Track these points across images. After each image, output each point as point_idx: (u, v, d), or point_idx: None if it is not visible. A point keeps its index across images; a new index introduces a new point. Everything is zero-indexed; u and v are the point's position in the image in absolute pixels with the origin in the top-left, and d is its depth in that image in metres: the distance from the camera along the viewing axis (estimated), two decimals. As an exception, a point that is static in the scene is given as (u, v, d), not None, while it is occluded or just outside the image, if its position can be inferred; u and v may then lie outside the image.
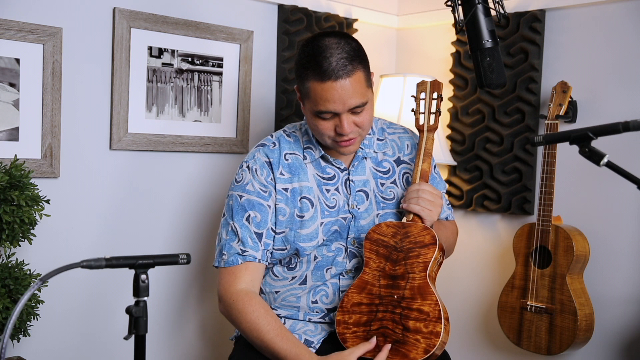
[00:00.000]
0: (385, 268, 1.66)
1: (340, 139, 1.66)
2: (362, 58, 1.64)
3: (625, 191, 2.24)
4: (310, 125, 1.70)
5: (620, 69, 2.29)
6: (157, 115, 2.25)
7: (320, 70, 1.58)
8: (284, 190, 1.74)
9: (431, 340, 1.60)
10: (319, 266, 1.76)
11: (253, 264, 1.71)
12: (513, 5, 2.48)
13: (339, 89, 1.58)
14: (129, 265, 1.32)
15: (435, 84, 1.82)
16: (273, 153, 1.76)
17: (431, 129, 1.80)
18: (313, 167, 1.77)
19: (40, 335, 2.04)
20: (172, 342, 2.37)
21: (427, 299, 1.61)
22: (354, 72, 1.60)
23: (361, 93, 1.62)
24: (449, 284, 2.78)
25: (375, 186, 1.80)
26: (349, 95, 1.60)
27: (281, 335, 1.64)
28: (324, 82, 1.58)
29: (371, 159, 1.82)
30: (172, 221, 2.33)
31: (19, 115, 1.96)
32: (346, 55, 1.60)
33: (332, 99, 1.59)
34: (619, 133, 1.42)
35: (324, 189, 1.76)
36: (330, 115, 1.63)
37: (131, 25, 2.15)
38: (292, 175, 1.75)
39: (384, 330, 1.64)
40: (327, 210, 1.75)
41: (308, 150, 1.78)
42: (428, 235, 1.64)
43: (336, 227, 1.75)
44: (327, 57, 1.59)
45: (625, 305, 2.28)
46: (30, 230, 1.79)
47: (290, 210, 1.73)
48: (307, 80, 1.62)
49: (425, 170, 1.76)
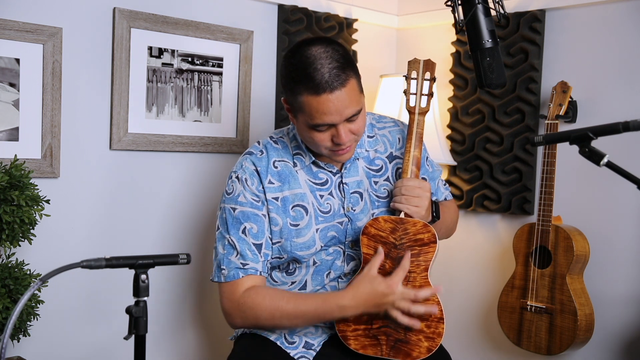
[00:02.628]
0: (385, 266, 1.64)
1: (337, 149, 1.63)
2: (352, 64, 1.60)
3: (625, 191, 2.24)
4: (305, 137, 1.66)
5: (620, 69, 2.29)
6: (157, 115, 2.25)
7: (314, 84, 1.53)
8: (275, 199, 1.70)
9: (434, 340, 1.60)
10: (318, 271, 1.75)
11: (254, 277, 1.66)
12: (513, 5, 2.48)
13: (334, 100, 1.54)
14: (129, 265, 1.32)
15: (429, 63, 1.74)
16: (261, 161, 1.71)
17: (422, 111, 1.71)
18: (304, 173, 1.73)
19: (40, 335, 2.04)
20: (172, 342, 2.37)
21: (429, 299, 1.61)
22: (347, 81, 1.55)
23: (356, 101, 1.59)
24: (449, 284, 2.77)
25: (369, 185, 1.77)
26: (345, 105, 1.56)
27: (302, 298, 1.63)
28: (319, 95, 1.53)
29: (363, 158, 1.79)
30: (172, 221, 2.33)
31: (19, 115, 1.96)
32: (337, 64, 1.54)
33: (328, 111, 1.55)
34: (619, 133, 1.42)
35: (318, 194, 1.73)
36: (327, 127, 1.59)
37: (131, 25, 2.15)
38: (282, 183, 1.71)
39: (386, 329, 1.63)
40: (322, 215, 1.72)
41: (298, 157, 1.74)
42: (428, 234, 1.62)
43: (333, 232, 1.72)
44: (317, 68, 1.53)
45: (625, 305, 2.28)
46: (30, 230, 1.79)
47: (282, 220, 1.69)
48: (299, 95, 1.56)
49: (417, 157, 1.70)
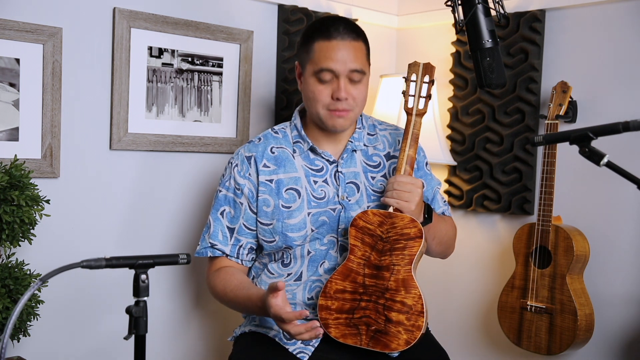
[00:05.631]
0: (370, 257, 1.68)
1: (334, 107, 1.73)
2: (365, 38, 1.79)
3: (625, 191, 2.24)
4: (308, 93, 1.77)
5: (620, 69, 2.29)
6: (157, 115, 2.24)
7: (328, 32, 1.72)
8: (268, 181, 1.79)
9: (413, 333, 1.63)
10: (313, 260, 1.79)
11: (223, 258, 1.83)
12: (513, 5, 2.48)
13: (342, 48, 1.71)
14: (129, 265, 1.33)
15: (428, 67, 1.78)
16: (257, 147, 1.84)
17: (420, 113, 1.76)
18: (301, 158, 1.82)
19: (40, 335, 2.04)
20: (172, 342, 2.37)
21: (411, 292, 1.64)
22: (358, 40, 1.75)
23: (362, 61, 1.74)
24: (449, 284, 2.78)
25: (366, 179, 1.82)
26: (351, 57, 1.71)
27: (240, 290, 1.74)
28: (330, 40, 1.71)
29: (361, 152, 1.85)
30: (172, 221, 2.33)
31: (19, 115, 1.96)
32: (352, 27, 1.76)
33: (335, 57, 1.70)
34: (619, 133, 1.42)
35: (312, 180, 1.79)
36: (330, 76, 1.72)
37: (131, 25, 2.15)
38: (277, 166, 1.81)
39: (367, 319, 1.66)
40: (314, 201, 1.78)
41: (297, 144, 1.84)
42: (415, 229, 1.65)
43: (325, 217, 1.77)
44: (335, 22, 1.75)
45: (625, 305, 2.28)
46: (30, 230, 1.79)
47: (274, 202, 1.78)
48: (312, 42, 1.74)
49: (412, 156, 1.73)
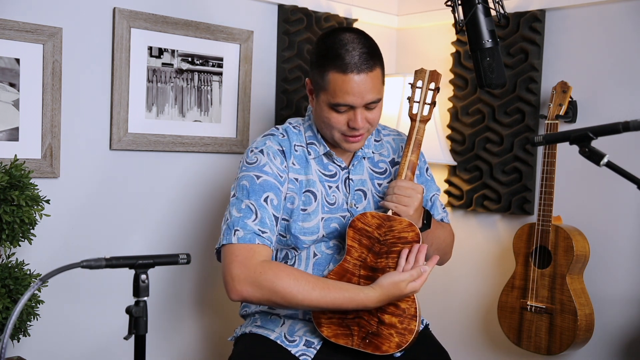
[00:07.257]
0: (366, 259, 1.67)
1: (350, 134, 1.68)
2: (380, 56, 1.68)
3: (625, 191, 2.24)
4: (321, 117, 1.70)
5: (620, 69, 2.29)
6: (157, 115, 2.24)
7: (343, 63, 1.61)
8: (295, 180, 1.73)
9: (404, 336, 1.62)
10: (318, 264, 1.77)
11: (269, 249, 1.61)
12: (513, 5, 2.48)
13: (359, 82, 1.61)
14: (129, 265, 1.32)
15: (434, 74, 1.77)
16: (284, 142, 1.75)
17: (424, 119, 1.75)
18: (315, 163, 1.78)
19: (40, 335, 2.04)
20: (172, 342, 2.37)
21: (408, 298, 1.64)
22: (374, 68, 1.64)
23: (378, 89, 1.66)
24: (449, 284, 2.78)
25: (372, 186, 1.81)
26: (368, 90, 1.63)
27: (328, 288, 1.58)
28: (346, 74, 1.61)
29: (369, 159, 1.83)
30: (172, 221, 2.33)
31: (19, 115, 1.96)
32: (367, 50, 1.63)
33: (352, 91, 1.62)
34: (619, 133, 1.42)
35: (326, 184, 1.77)
36: (346, 108, 1.65)
37: (131, 25, 2.15)
38: (300, 166, 1.75)
39: (359, 320, 1.66)
40: (327, 206, 1.75)
41: (312, 146, 1.78)
42: (412, 232, 1.64)
43: (336, 224, 1.76)
44: (349, 50, 1.62)
45: (625, 305, 2.28)
46: (30, 230, 1.79)
47: (298, 201, 1.72)
48: (326, 72, 1.64)
49: (414, 162, 1.73)
